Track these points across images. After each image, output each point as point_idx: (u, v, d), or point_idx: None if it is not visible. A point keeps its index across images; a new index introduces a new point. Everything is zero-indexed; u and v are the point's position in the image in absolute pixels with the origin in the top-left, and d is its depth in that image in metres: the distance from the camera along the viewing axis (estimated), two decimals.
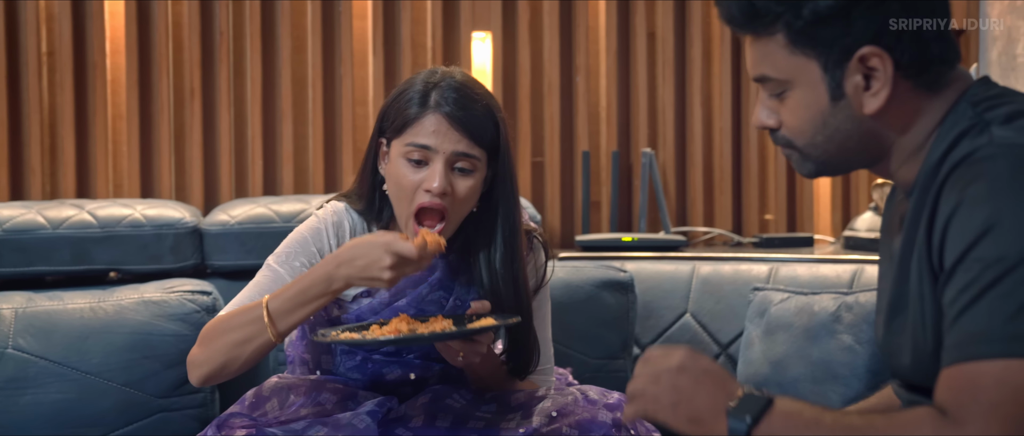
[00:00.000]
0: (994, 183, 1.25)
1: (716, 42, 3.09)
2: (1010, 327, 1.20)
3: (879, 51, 1.34)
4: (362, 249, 1.73)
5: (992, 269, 1.22)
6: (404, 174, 1.85)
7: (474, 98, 1.86)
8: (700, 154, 3.10)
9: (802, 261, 2.67)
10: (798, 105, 1.40)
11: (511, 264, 1.92)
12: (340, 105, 2.89)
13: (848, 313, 2.38)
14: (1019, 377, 1.19)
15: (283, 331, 1.77)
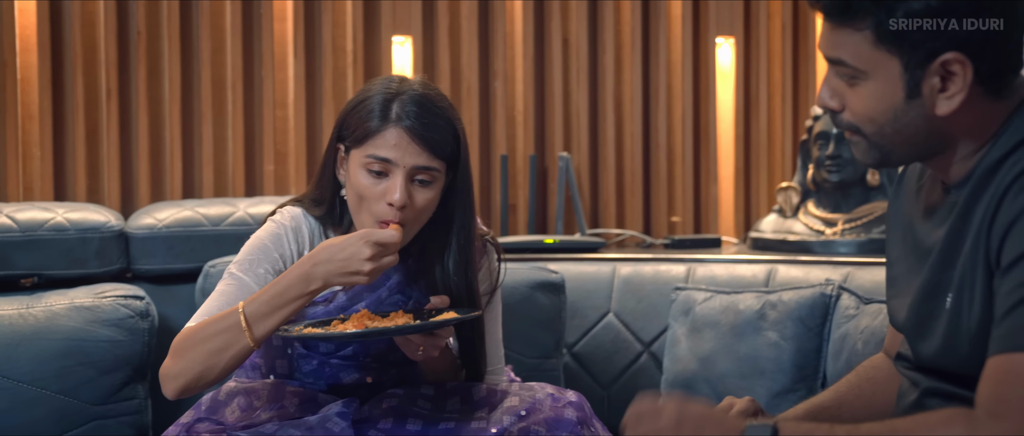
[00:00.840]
0: None
1: (627, 49, 3.14)
2: None
3: (962, 58, 1.37)
4: (339, 245, 1.73)
5: None
6: (364, 184, 1.84)
7: (435, 112, 1.85)
8: (612, 158, 3.15)
9: (718, 261, 2.73)
10: (871, 95, 1.43)
11: (465, 270, 1.93)
12: (260, 107, 2.84)
13: (772, 311, 2.46)
14: None
15: (260, 336, 1.74)
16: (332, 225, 1.97)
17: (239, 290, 1.85)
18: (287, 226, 1.92)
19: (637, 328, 2.68)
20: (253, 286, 1.85)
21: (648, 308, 2.68)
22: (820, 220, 2.91)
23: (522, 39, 3.04)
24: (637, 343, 2.67)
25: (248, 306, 1.74)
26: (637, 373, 2.66)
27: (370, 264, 1.70)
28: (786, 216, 3.01)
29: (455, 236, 1.92)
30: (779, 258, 2.73)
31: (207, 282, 2.40)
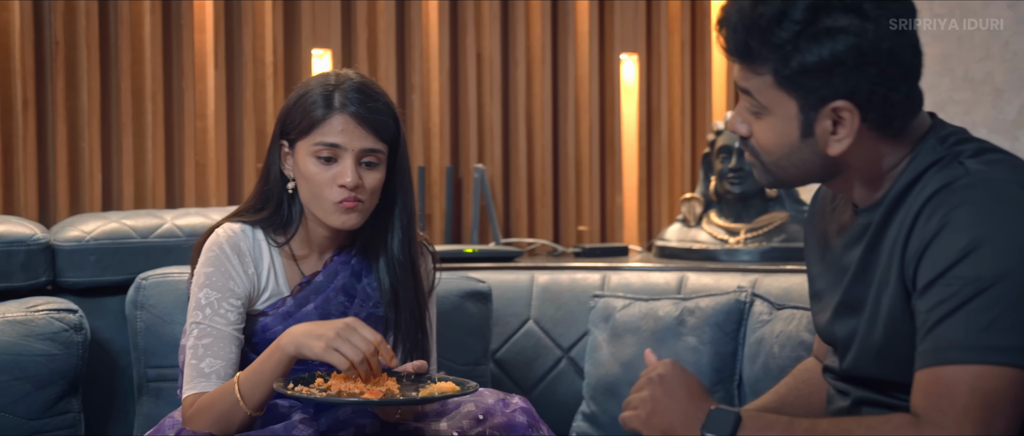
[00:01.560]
0: (975, 210, 1.41)
1: (537, 64, 3.21)
2: (984, 338, 1.35)
3: (850, 106, 1.48)
4: (315, 323, 1.83)
5: (971, 286, 1.37)
6: (315, 172, 1.92)
7: (375, 96, 1.96)
8: (524, 169, 3.21)
9: (631, 269, 2.82)
10: (771, 129, 1.53)
11: (409, 250, 2.02)
12: (181, 118, 2.81)
13: (690, 317, 2.55)
14: (990, 383, 1.35)
15: (255, 405, 1.83)
16: (277, 228, 2.00)
17: (219, 340, 1.91)
18: (226, 250, 1.97)
19: (557, 335, 2.75)
20: (228, 330, 1.92)
21: (566, 315, 2.75)
22: (723, 229, 3.03)
23: (437, 53, 3.08)
24: (557, 349, 2.74)
25: (242, 381, 1.84)
26: (557, 378, 2.72)
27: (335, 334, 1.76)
28: (690, 225, 3.11)
29: (398, 216, 2.02)
30: (688, 266, 2.83)
31: (140, 294, 2.38)
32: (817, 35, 1.46)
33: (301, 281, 2.02)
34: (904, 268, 1.47)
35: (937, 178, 1.48)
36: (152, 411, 2.33)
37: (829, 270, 1.66)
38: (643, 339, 2.55)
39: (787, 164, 1.54)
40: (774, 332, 2.42)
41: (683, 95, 3.42)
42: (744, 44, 1.49)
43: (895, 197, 1.52)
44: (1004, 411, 1.35)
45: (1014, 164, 1.48)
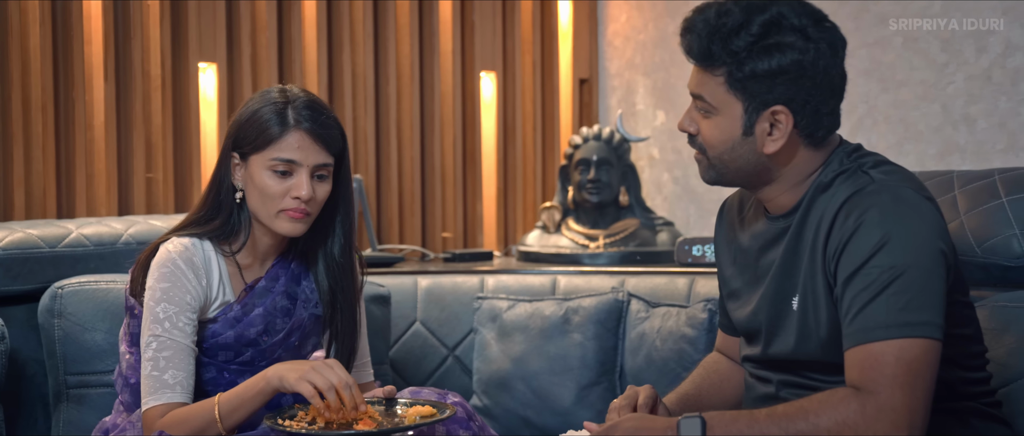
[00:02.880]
0: (883, 211, 1.65)
1: (406, 81, 3.33)
2: (902, 316, 1.59)
3: (786, 111, 1.71)
4: (300, 361, 1.93)
5: (887, 274, 1.61)
6: (269, 184, 2.01)
7: (325, 112, 2.06)
8: (395, 179, 3.33)
9: (505, 273, 2.98)
10: (717, 128, 1.75)
11: (348, 254, 2.14)
12: (71, 129, 2.79)
13: (575, 315, 2.74)
14: (911, 353, 1.58)
15: (230, 427, 1.92)
16: (226, 238, 2.06)
17: (179, 353, 1.97)
18: (181, 265, 2.03)
19: (442, 335, 2.88)
20: (186, 343, 1.98)
21: (450, 316, 2.89)
22: (582, 235, 3.24)
23: (316, 69, 3.16)
24: (443, 348, 2.87)
25: (222, 402, 1.91)
26: (445, 374, 2.86)
27: (311, 369, 1.87)
28: (550, 232, 3.31)
29: (340, 223, 2.12)
30: (559, 269, 3.01)
31: (57, 303, 2.36)
32: (768, 48, 1.69)
33: (245, 288, 2.09)
34: (826, 262, 1.70)
35: (847, 185, 1.72)
36: (75, 418, 2.33)
37: (744, 271, 1.88)
38: (532, 337, 2.72)
39: (728, 159, 1.76)
40: (654, 328, 2.64)
41: (535, 111, 3.62)
42: (707, 49, 1.71)
43: (809, 201, 1.75)
44: (924, 375, 1.59)
45: (905, 173, 1.75)
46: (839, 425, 1.57)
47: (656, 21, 3.53)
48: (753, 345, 1.87)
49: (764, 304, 1.80)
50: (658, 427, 1.67)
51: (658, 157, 3.55)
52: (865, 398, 1.58)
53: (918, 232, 1.63)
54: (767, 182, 1.79)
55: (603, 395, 2.67)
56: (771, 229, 1.82)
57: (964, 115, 2.78)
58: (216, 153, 3.00)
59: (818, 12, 1.74)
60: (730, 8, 1.72)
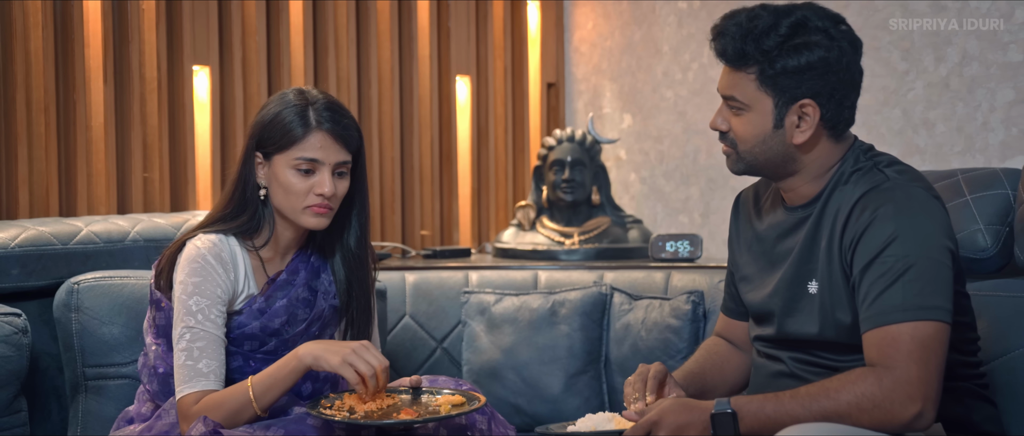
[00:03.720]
0: (896, 207, 1.80)
1: (387, 86, 3.42)
2: (917, 301, 1.74)
3: (813, 104, 1.86)
4: (334, 342, 2.02)
5: (901, 263, 1.76)
6: (293, 182, 2.10)
7: (344, 113, 2.16)
8: (376, 179, 3.42)
9: (488, 268, 3.09)
10: (749, 124, 1.89)
11: (364, 246, 2.23)
12: (73, 129, 2.84)
13: (561, 308, 2.86)
14: (924, 332, 1.73)
15: (264, 406, 2.01)
16: (251, 234, 2.14)
17: (211, 343, 2.06)
18: (210, 261, 2.10)
19: (430, 328, 2.98)
20: (217, 334, 2.07)
21: (438, 310, 2.99)
22: (557, 232, 3.36)
23: (303, 72, 3.24)
24: (432, 340, 2.97)
25: (255, 384, 2.01)
26: (434, 365, 2.96)
27: (352, 353, 1.96)
28: (525, 229, 3.43)
29: (356, 216, 2.22)
30: (538, 265, 3.13)
31: (73, 298, 2.42)
32: (797, 46, 1.83)
33: (268, 280, 2.17)
34: (842, 251, 1.84)
35: (864, 181, 1.87)
36: (95, 408, 2.39)
37: (760, 258, 2.02)
38: (521, 328, 2.84)
39: (759, 152, 1.91)
40: (639, 319, 2.77)
41: (506, 114, 3.73)
42: (741, 49, 1.85)
43: (829, 193, 1.90)
44: (937, 352, 1.74)
45: (915, 173, 1.91)
46: (859, 398, 1.71)
47: (622, 29, 3.67)
48: (765, 326, 2.01)
49: (782, 287, 1.94)
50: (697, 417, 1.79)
51: (625, 158, 3.69)
52: (883, 373, 1.72)
53: (927, 227, 1.78)
54: (792, 173, 1.93)
55: (590, 383, 2.79)
56: (790, 218, 1.96)
57: (924, 119, 2.96)
58: (209, 153, 3.07)
59: (837, 15, 1.90)
60: (758, 12, 1.86)
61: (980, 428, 1.92)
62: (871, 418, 1.72)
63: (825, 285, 1.88)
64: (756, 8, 1.90)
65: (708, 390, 2.09)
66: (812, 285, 1.90)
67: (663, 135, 3.58)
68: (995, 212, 2.34)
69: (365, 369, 1.94)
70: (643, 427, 1.82)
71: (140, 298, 2.45)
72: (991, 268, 2.35)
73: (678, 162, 3.55)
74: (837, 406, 1.72)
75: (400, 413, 1.93)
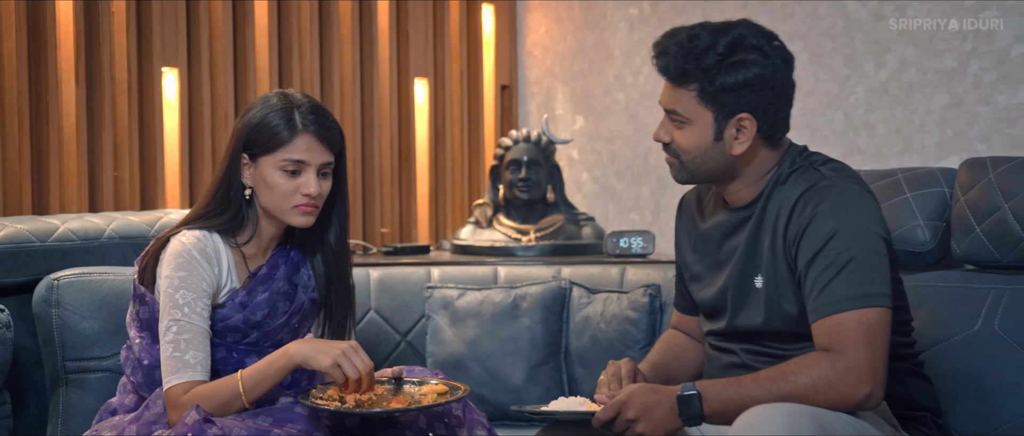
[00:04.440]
0: (834, 203, 1.92)
1: (348, 86, 3.50)
2: (860, 289, 1.86)
3: (751, 117, 1.97)
4: (322, 341, 2.10)
5: (843, 255, 1.88)
6: (280, 183, 2.17)
7: (328, 116, 2.23)
8: None
9: (449, 264, 3.18)
10: (691, 136, 2.00)
11: (343, 240, 2.31)
12: (45, 129, 2.88)
13: (523, 302, 2.95)
14: (869, 318, 1.86)
15: (253, 399, 2.08)
16: (234, 230, 2.21)
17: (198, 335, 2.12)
18: (196, 256, 2.16)
19: (395, 322, 3.06)
20: (203, 326, 2.13)
21: (401, 305, 3.06)
22: (514, 230, 3.46)
23: (268, 75, 3.30)
24: (396, 334, 3.05)
25: (245, 378, 2.07)
26: (399, 358, 3.03)
27: (341, 354, 2.04)
28: (482, 227, 3.52)
29: (337, 213, 2.28)
30: (493, 260, 3.23)
31: (54, 293, 2.47)
32: (734, 64, 1.94)
33: (249, 275, 2.24)
34: (786, 247, 1.96)
35: (802, 181, 1.99)
36: (76, 401, 2.44)
37: (706, 257, 2.14)
38: (484, 322, 2.93)
39: (700, 162, 2.01)
40: (598, 312, 2.88)
41: (462, 115, 3.82)
42: (682, 67, 1.96)
43: (768, 194, 2.02)
44: (881, 335, 1.87)
45: (849, 170, 2.03)
46: (815, 380, 1.83)
47: (574, 34, 3.78)
48: (716, 321, 2.12)
49: (729, 284, 2.05)
50: (663, 399, 1.90)
51: (578, 158, 3.80)
52: (834, 358, 1.84)
53: (864, 220, 1.91)
54: (732, 179, 2.04)
55: (551, 373, 2.89)
56: (732, 219, 2.07)
57: (864, 122, 3.11)
58: (177, 152, 3.12)
59: (770, 32, 2.01)
60: (698, 32, 1.97)
61: (919, 403, 2.06)
62: (826, 399, 1.84)
63: (771, 279, 2.00)
64: (696, 27, 2.00)
65: (672, 380, 2.20)
66: (758, 280, 2.02)
67: (614, 136, 3.70)
68: (933, 209, 2.49)
69: (352, 372, 2.02)
70: (613, 408, 1.92)
71: (119, 293, 2.50)
72: (930, 261, 2.50)
73: (629, 162, 3.67)
74: (795, 388, 1.84)
75: (389, 403, 2.02)
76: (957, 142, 2.93)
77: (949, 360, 2.28)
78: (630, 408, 1.91)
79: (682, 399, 1.88)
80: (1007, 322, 2.27)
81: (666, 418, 1.90)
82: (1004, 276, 2.37)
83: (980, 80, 2.89)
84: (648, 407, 1.90)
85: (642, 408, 1.90)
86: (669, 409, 1.90)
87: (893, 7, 3.02)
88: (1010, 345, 2.24)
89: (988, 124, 2.88)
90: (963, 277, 2.41)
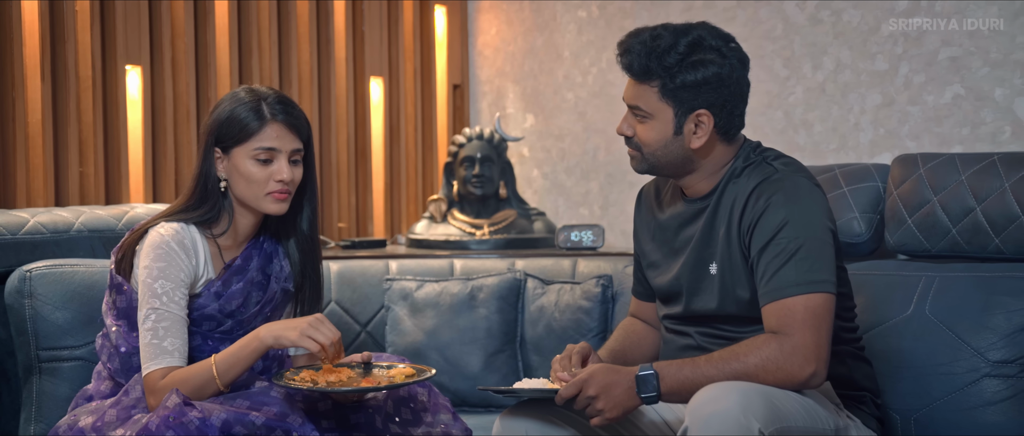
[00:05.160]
0: (785, 195, 2.04)
1: (306, 84, 3.57)
2: (807, 276, 1.98)
3: (708, 113, 2.08)
4: (289, 319, 2.18)
5: (792, 244, 2.00)
6: (254, 171, 2.25)
7: (293, 105, 2.31)
8: None
9: (407, 258, 3.27)
10: (652, 130, 2.11)
11: (314, 226, 2.39)
12: (12, 125, 2.91)
13: (479, 293, 3.05)
14: (814, 302, 1.98)
15: (227, 383, 2.16)
16: (211, 222, 2.28)
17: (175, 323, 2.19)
18: (174, 247, 2.22)
19: (355, 313, 3.14)
20: (181, 314, 2.20)
21: (361, 297, 3.14)
22: (468, 224, 3.56)
23: (228, 73, 3.36)
24: (356, 324, 3.13)
25: (218, 361, 2.15)
26: (359, 348, 3.11)
27: (308, 326, 2.14)
28: (437, 221, 3.61)
29: (307, 200, 2.37)
30: (452, 254, 3.32)
31: (26, 285, 2.51)
32: (694, 63, 2.06)
33: (224, 266, 2.31)
34: (741, 235, 2.08)
35: (755, 174, 2.10)
36: (49, 388, 2.49)
37: (663, 245, 2.25)
38: (442, 312, 3.02)
39: (661, 154, 2.13)
40: (552, 302, 2.99)
41: (416, 113, 3.91)
42: (645, 65, 2.07)
43: (723, 186, 2.14)
44: (826, 319, 1.99)
45: (798, 165, 2.15)
46: (764, 360, 1.95)
47: (525, 35, 3.88)
48: (672, 305, 2.24)
49: (685, 271, 2.17)
50: (622, 378, 2.01)
51: (528, 155, 3.91)
52: (782, 339, 1.96)
53: (812, 212, 2.04)
54: (690, 171, 2.16)
55: (507, 361, 2.99)
56: (689, 210, 2.19)
57: (803, 120, 3.25)
58: (141, 148, 3.17)
59: (727, 34, 2.12)
60: (660, 33, 2.08)
61: (860, 384, 2.19)
62: (775, 377, 1.96)
63: (725, 266, 2.12)
64: (658, 28, 2.12)
65: (630, 364, 2.30)
66: (713, 267, 2.13)
67: (564, 134, 3.81)
68: (868, 202, 2.64)
69: (323, 338, 2.11)
70: (575, 385, 2.03)
71: (90, 285, 2.56)
72: (865, 251, 2.64)
73: (578, 159, 3.79)
74: (746, 368, 1.96)
75: (359, 384, 2.10)
76: (889, 139, 3.09)
77: (884, 342, 2.42)
78: (591, 386, 2.01)
79: (640, 378, 1.99)
80: (936, 307, 2.41)
81: (624, 396, 2.00)
82: (933, 264, 2.52)
83: (910, 81, 3.04)
84: (608, 385, 2.00)
85: (602, 386, 2.00)
86: (628, 387, 2.00)
87: (829, 11, 3.17)
88: (940, 328, 2.39)
89: (917, 122, 3.04)
90: (896, 266, 2.56)
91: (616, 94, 3.67)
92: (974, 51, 2.92)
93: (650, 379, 1.99)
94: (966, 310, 2.35)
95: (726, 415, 1.83)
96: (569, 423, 2.16)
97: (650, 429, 2.18)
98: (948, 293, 2.41)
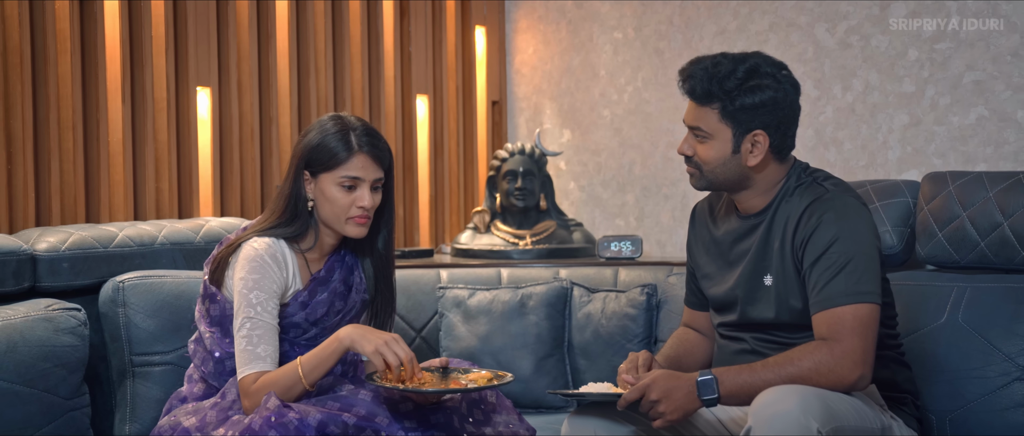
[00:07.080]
0: (836, 214, 2.20)
1: (358, 101, 3.72)
2: (856, 287, 2.14)
3: (764, 134, 2.23)
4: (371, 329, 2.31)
5: (842, 258, 2.15)
6: (338, 197, 2.39)
7: (379, 137, 2.45)
8: None
9: (457, 267, 3.41)
10: (712, 149, 2.26)
11: (389, 246, 2.55)
12: (97, 144, 3.06)
13: (529, 301, 3.20)
14: (862, 312, 2.13)
15: (312, 382, 2.29)
16: (299, 238, 2.43)
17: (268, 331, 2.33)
18: (268, 260, 2.37)
19: (411, 319, 3.28)
20: (273, 323, 2.34)
21: (416, 304, 3.29)
22: (511, 234, 3.71)
23: (288, 94, 3.51)
24: (412, 330, 3.28)
25: (303, 363, 2.29)
26: (415, 353, 3.24)
27: (383, 342, 2.26)
28: (480, 232, 3.76)
29: (384, 222, 2.51)
30: (497, 263, 3.46)
31: (120, 294, 2.66)
32: (751, 88, 2.22)
33: (310, 278, 2.46)
34: (794, 250, 2.24)
35: (807, 194, 2.26)
36: (143, 391, 2.64)
37: (718, 258, 2.40)
38: (494, 319, 3.17)
39: (719, 172, 2.28)
40: (598, 309, 3.14)
41: (458, 129, 4.06)
42: (707, 89, 2.23)
43: (778, 204, 2.29)
44: (872, 327, 2.14)
45: (846, 185, 2.31)
46: (816, 364, 2.10)
47: (561, 54, 4.03)
48: (727, 313, 2.38)
49: (741, 281, 2.32)
50: (683, 383, 2.15)
51: (565, 169, 4.06)
52: (833, 345, 2.12)
53: (860, 229, 2.19)
54: (745, 188, 2.31)
55: (556, 365, 3.14)
56: (744, 225, 2.34)
57: (833, 138, 3.40)
58: (210, 165, 3.32)
59: (781, 62, 2.28)
60: (720, 60, 2.24)
61: (901, 387, 2.35)
62: (826, 380, 2.11)
63: (779, 278, 2.27)
64: (718, 56, 2.28)
65: (684, 370, 2.45)
66: (767, 278, 2.28)
67: (600, 149, 3.96)
68: (899, 216, 2.79)
69: (392, 359, 2.25)
70: (638, 390, 2.17)
71: (177, 294, 2.71)
72: (898, 262, 2.79)
73: (615, 172, 3.94)
74: (800, 371, 2.11)
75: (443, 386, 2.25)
76: (916, 157, 3.24)
77: (920, 348, 2.57)
78: (653, 390, 2.16)
79: (702, 383, 2.14)
80: (969, 316, 2.57)
81: (685, 399, 2.15)
82: (964, 276, 2.67)
83: (936, 103, 3.20)
84: (670, 390, 2.15)
85: (664, 391, 2.15)
86: (688, 391, 2.15)
87: (858, 36, 3.32)
88: (972, 335, 2.55)
89: (943, 142, 3.19)
90: (928, 276, 2.71)
91: (652, 112, 3.82)
92: (997, 75, 3.08)
93: (711, 383, 2.13)
94: (997, 318, 2.51)
95: (787, 415, 1.98)
96: (632, 423, 2.31)
97: (707, 429, 2.33)
98: (979, 302, 2.56)
